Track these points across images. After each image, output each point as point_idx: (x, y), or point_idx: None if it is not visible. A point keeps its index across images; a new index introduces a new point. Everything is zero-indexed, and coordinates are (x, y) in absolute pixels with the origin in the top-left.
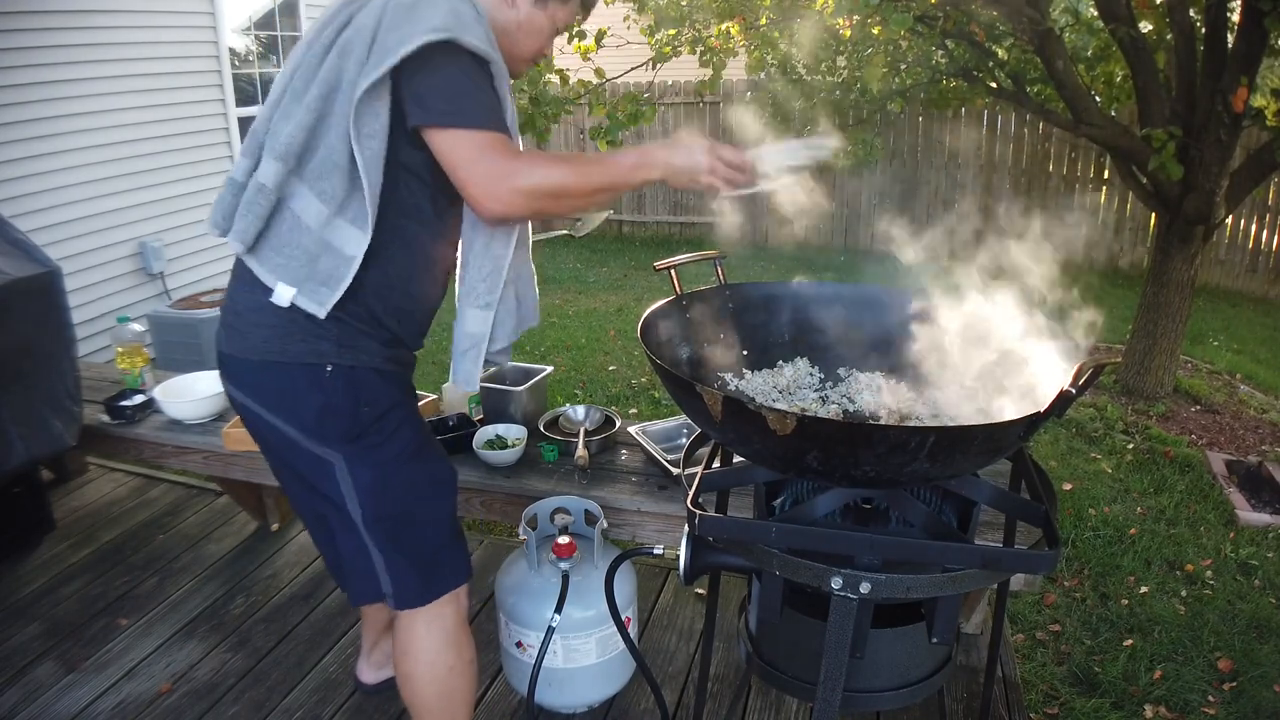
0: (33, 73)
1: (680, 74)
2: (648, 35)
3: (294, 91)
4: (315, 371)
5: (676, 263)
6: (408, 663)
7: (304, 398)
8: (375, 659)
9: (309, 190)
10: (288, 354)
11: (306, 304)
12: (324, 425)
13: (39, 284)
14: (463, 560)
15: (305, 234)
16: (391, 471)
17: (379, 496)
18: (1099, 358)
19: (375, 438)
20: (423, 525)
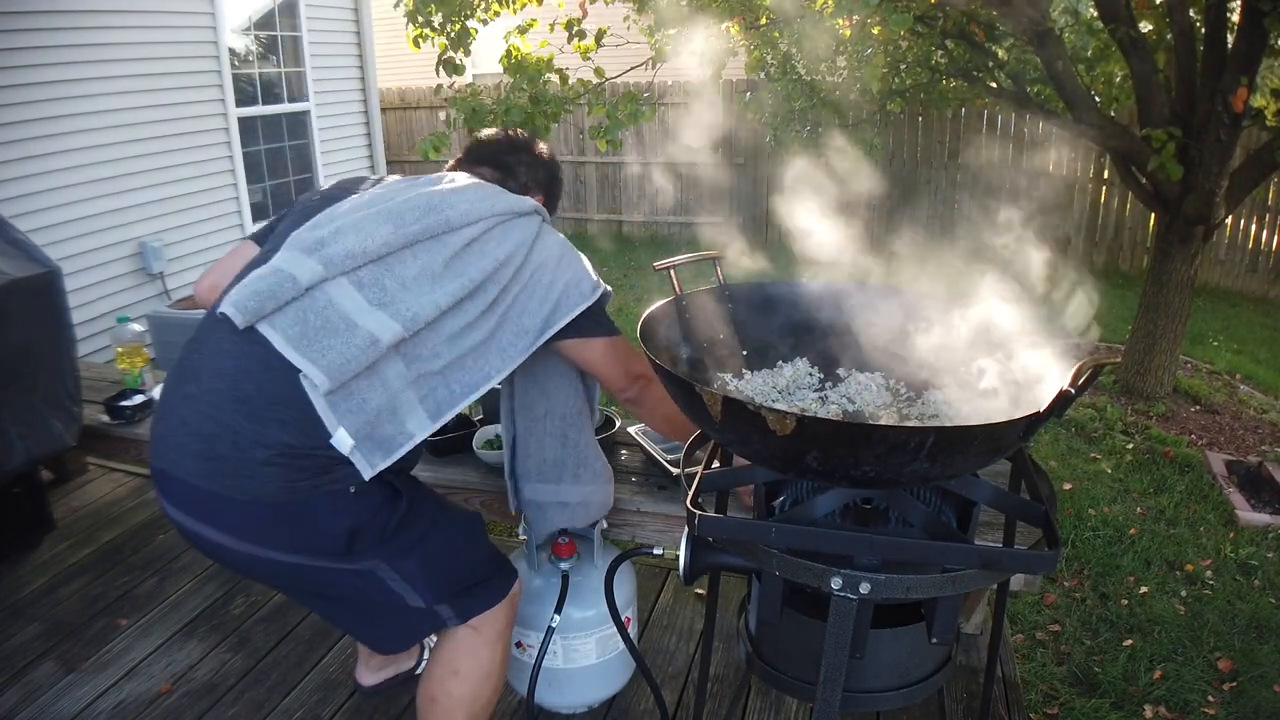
0: (33, 73)
1: (680, 74)
2: (648, 35)
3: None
4: (338, 497)
5: (676, 263)
6: (456, 685)
7: (327, 527)
8: (375, 662)
9: (401, 359)
10: (301, 491)
11: (359, 461)
12: (356, 542)
13: (39, 284)
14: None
15: (379, 393)
16: (432, 540)
17: (430, 573)
18: (1099, 358)
19: (403, 531)
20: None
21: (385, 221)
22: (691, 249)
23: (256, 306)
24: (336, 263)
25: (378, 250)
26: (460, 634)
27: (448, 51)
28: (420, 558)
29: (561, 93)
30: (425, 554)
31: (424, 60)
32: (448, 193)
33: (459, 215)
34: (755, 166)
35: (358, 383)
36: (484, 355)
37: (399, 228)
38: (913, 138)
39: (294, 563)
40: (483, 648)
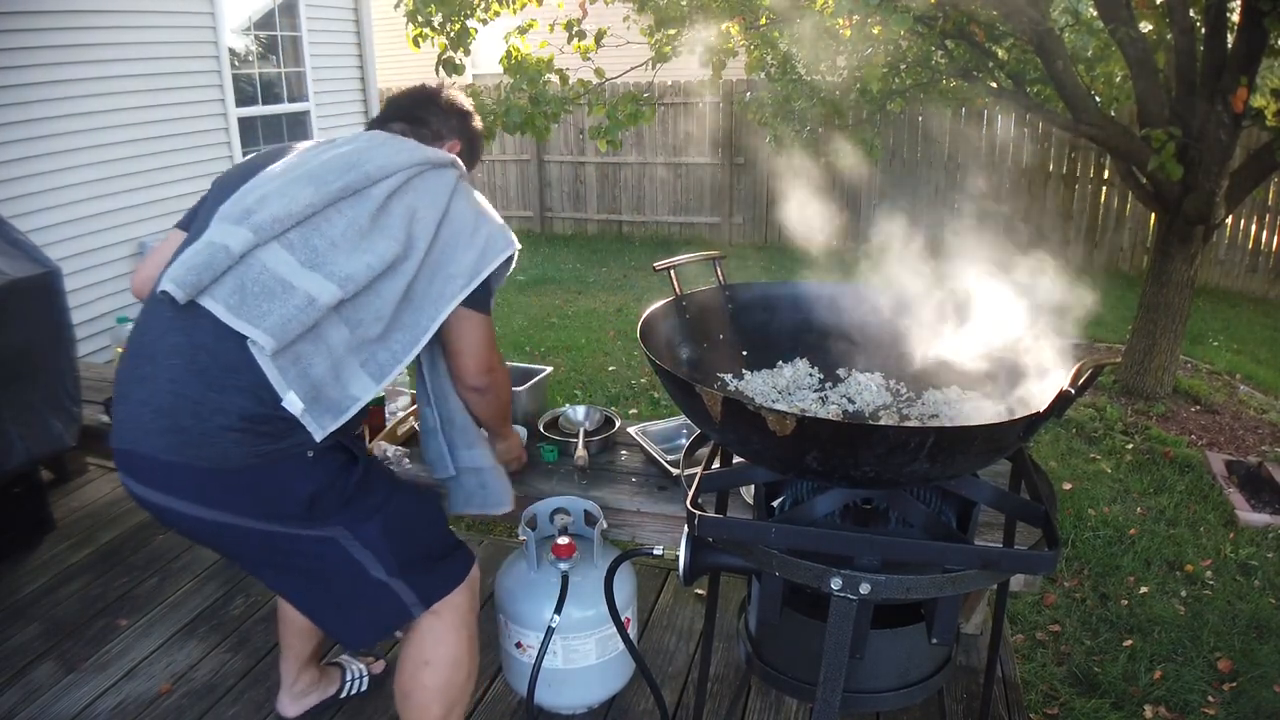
0: (33, 73)
1: (680, 74)
2: (648, 35)
3: (353, 227)
4: (297, 461)
5: (676, 263)
6: (429, 675)
7: (288, 492)
8: (297, 690)
9: (344, 323)
10: (262, 455)
11: (309, 423)
12: (316, 508)
13: (39, 284)
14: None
15: (325, 357)
16: (391, 507)
17: (390, 540)
18: (1099, 358)
19: (362, 497)
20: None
21: (307, 184)
22: (691, 249)
23: (194, 280)
24: (265, 228)
25: (302, 212)
26: (425, 624)
27: (448, 51)
28: (381, 524)
29: (561, 93)
30: (385, 521)
31: (424, 60)
32: (365, 149)
33: (377, 169)
34: (755, 166)
35: (302, 346)
36: (420, 308)
37: (320, 188)
38: (913, 138)
39: (261, 530)
40: (448, 633)
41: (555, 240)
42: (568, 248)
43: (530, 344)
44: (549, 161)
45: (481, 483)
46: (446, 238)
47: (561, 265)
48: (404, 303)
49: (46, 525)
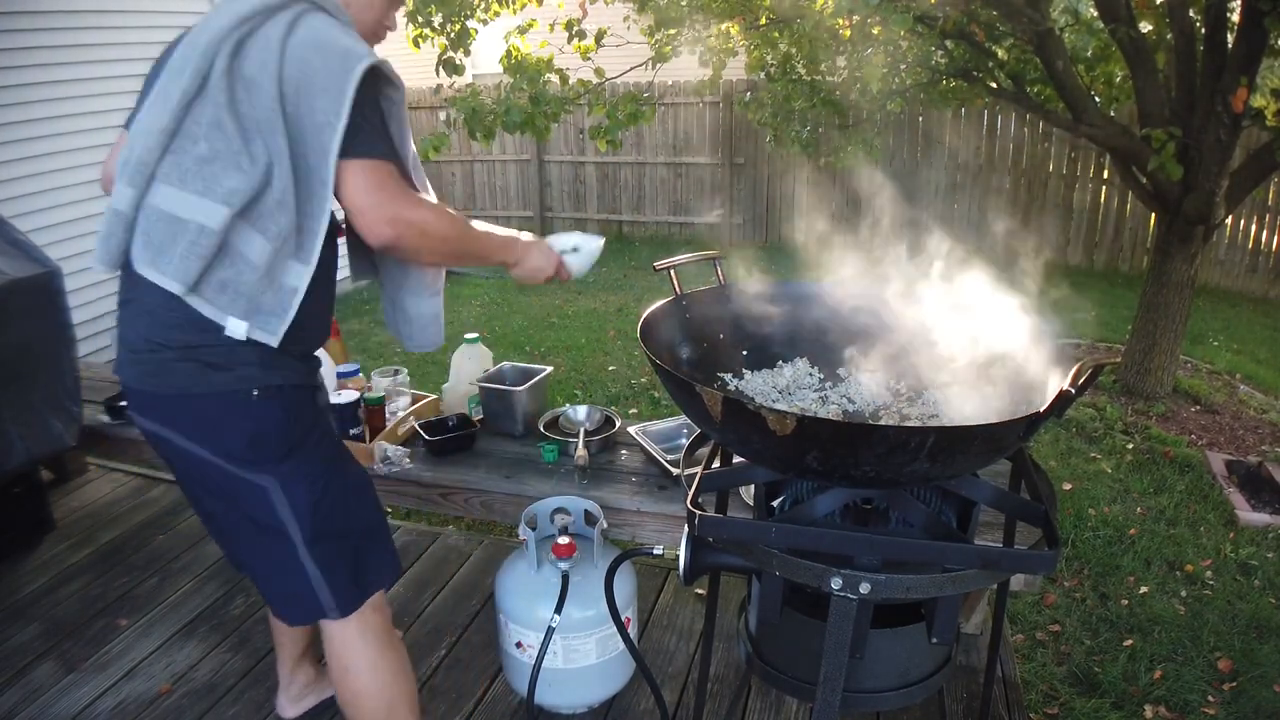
0: (33, 73)
1: (680, 74)
2: (648, 35)
3: (212, 127)
4: (241, 398)
5: (676, 263)
6: (350, 680)
7: (232, 426)
8: (294, 692)
9: (253, 229)
10: (212, 384)
11: (261, 335)
12: (255, 450)
13: (39, 284)
14: (390, 556)
15: (250, 270)
16: (325, 484)
17: (316, 511)
18: (1098, 358)
19: (304, 453)
20: (355, 533)
21: (158, 104)
22: (691, 249)
23: (104, 251)
24: (137, 175)
25: (160, 141)
26: (332, 630)
27: (448, 51)
28: (313, 492)
29: (561, 93)
30: (320, 490)
31: (424, 60)
32: (195, 34)
33: (204, 51)
34: (755, 166)
35: (221, 272)
36: (316, 170)
37: (166, 104)
38: (913, 138)
39: (211, 460)
40: (355, 639)
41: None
42: None
43: (530, 344)
44: (549, 161)
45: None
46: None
47: None
48: (299, 179)
49: (46, 525)
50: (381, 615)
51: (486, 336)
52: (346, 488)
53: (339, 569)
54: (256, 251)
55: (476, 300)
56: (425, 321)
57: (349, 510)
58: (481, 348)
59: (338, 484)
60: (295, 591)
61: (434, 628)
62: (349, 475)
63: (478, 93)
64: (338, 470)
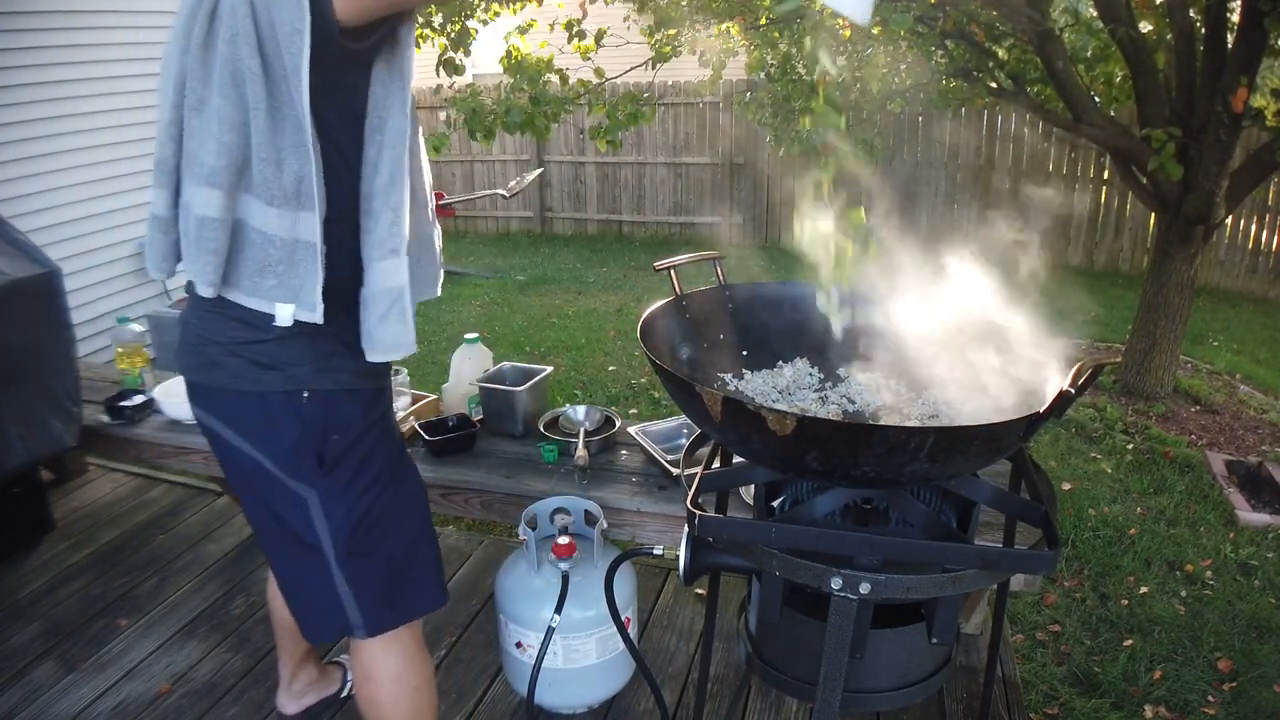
0: (33, 73)
1: (680, 74)
2: (648, 35)
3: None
4: (292, 399)
5: (676, 263)
6: (371, 688)
7: (282, 427)
8: (296, 688)
9: (255, 199)
10: (261, 383)
11: (305, 315)
12: (300, 457)
13: (39, 284)
14: (434, 581)
15: (275, 246)
16: (369, 504)
17: (353, 532)
18: (1099, 358)
19: (347, 470)
20: (397, 555)
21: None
22: (691, 249)
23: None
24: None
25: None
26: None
27: (448, 52)
28: (355, 512)
29: (561, 93)
30: (362, 511)
31: (424, 60)
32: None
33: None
34: (755, 166)
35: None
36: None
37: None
38: (913, 138)
39: (253, 455)
40: (380, 649)
41: (555, 240)
42: (568, 248)
43: (530, 344)
44: (549, 161)
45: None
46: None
47: (561, 265)
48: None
49: (46, 525)
50: (411, 631)
51: (486, 336)
52: (394, 509)
53: (371, 588)
54: (267, 220)
55: (476, 300)
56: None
57: (392, 532)
58: (481, 348)
59: (384, 504)
60: (323, 607)
61: (434, 628)
62: (400, 495)
63: (478, 93)
64: (387, 489)
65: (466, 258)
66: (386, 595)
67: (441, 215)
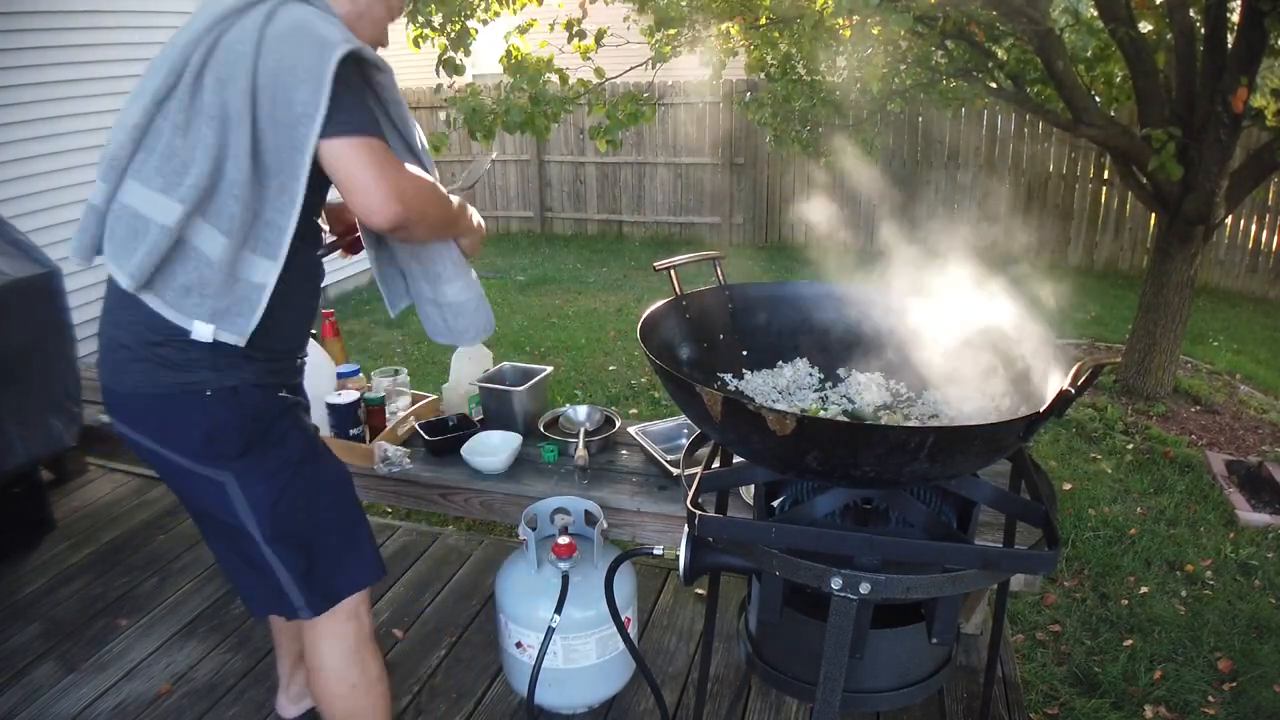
0: (33, 73)
1: (680, 74)
2: (648, 35)
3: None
4: (195, 397)
5: (676, 263)
6: (317, 679)
7: (188, 425)
8: (294, 691)
9: (208, 224)
10: (163, 384)
11: (227, 336)
12: (212, 447)
13: (39, 284)
14: (368, 560)
15: (210, 269)
16: (285, 482)
17: (275, 509)
18: (1099, 358)
19: (262, 450)
20: (324, 529)
21: (133, 103)
22: (691, 249)
23: (78, 245)
24: (110, 170)
25: (133, 137)
26: (304, 628)
27: (448, 51)
28: (269, 488)
29: (561, 93)
30: (281, 489)
31: (424, 60)
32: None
33: (179, 52)
34: (755, 167)
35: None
36: (281, 167)
37: (140, 102)
38: (913, 138)
39: (171, 459)
40: (322, 641)
41: (555, 240)
42: (568, 248)
43: (530, 344)
44: (549, 161)
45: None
46: (270, 83)
47: (561, 265)
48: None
49: (46, 525)
50: (356, 623)
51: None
52: (315, 488)
53: (304, 566)
54: (214, 247)
55: None
56: (474, 305)
57: (316, 511)
58: (481, 348)
59: (302, 484)
60: (264, 588)
61: (434, 628)
62: (319, 475)
63: (478, 93)
64: (304, 470)
65: None
66: (323, 573)
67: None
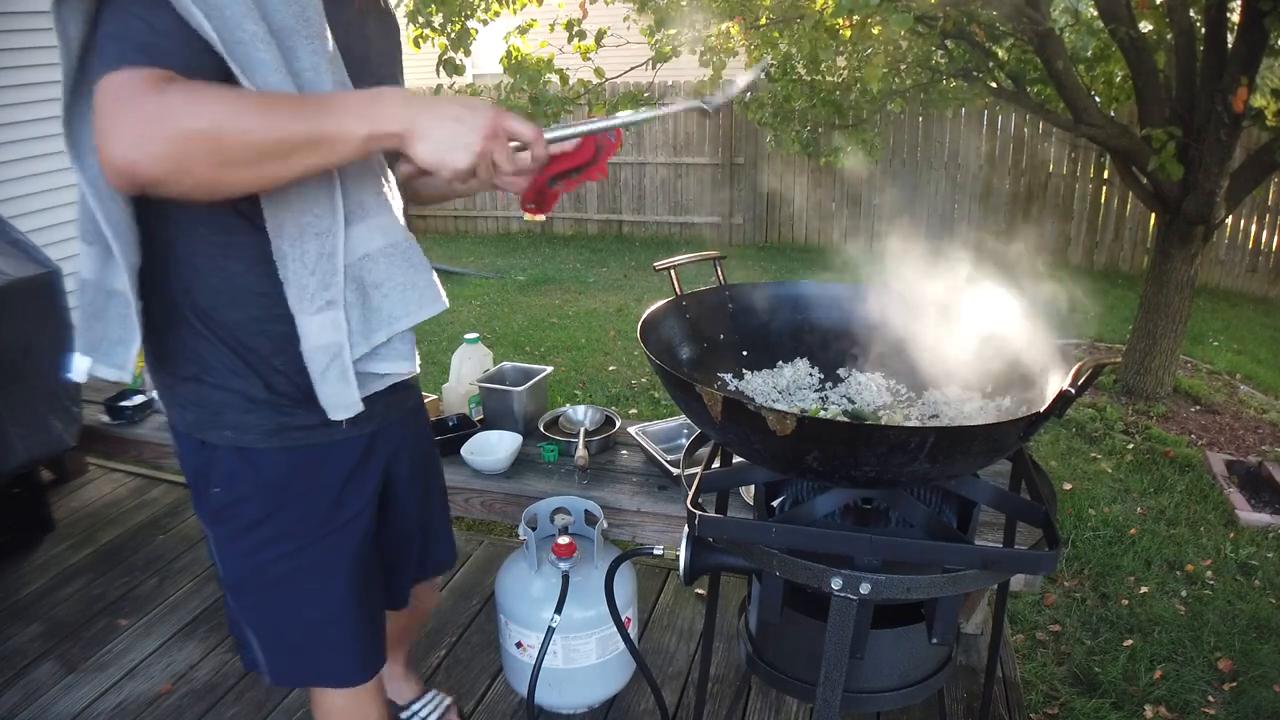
0: (33, 73)
1: (680, 74)
2: (648, 35)
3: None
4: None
5: (676, 263)
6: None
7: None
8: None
9: (81, 242)
10: (172, 416)
11: (106, 372)
12: (197, 494)
13: (39, 284)
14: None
15: (86, 291)
16: (258, 563)
17: (240, 586)
18: (1099, 357)
19: (232, 526)
20: (293, 622)
21: None
22: (691, 249)
23: None
24: None
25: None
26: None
27: (448, 52)
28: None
29: (562, 93)
30: (249, 565)
31: (424, 60)
32: None
33: None
34: (755, 167)
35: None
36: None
37: None
38: (913, 138)
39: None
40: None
41: (555, 240)
42: (568, 248)
43: (530, 344)
44: None
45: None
46: None
47: (561, 265)
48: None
49: (46, 525)
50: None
51: (486, 336)
52: (296, 581)
53: (265, 639)
54: (87, 267)
55: (476, 300)
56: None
57: (291, 605)
58: (481, 348)
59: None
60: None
61: (434, 628)
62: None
63: (478, 93)
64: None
65: (466, 258)
66: (278, 654)
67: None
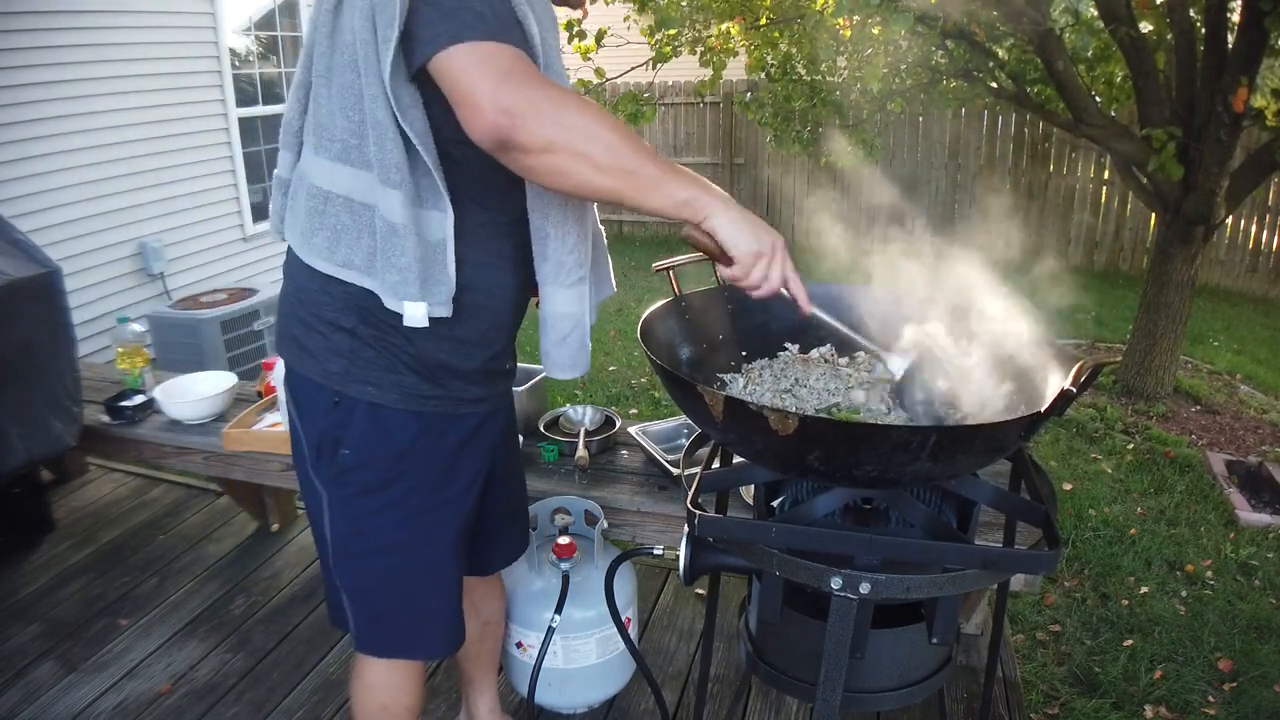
0: (33, 73)
1: (680, 74)
2: (648, 35)
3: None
4: (322, 394)
5: (675, 264)
6: (355, 685)
7: (313, 418)
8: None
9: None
10: (305, 366)
11: (438, 312)
12: (320, 454)
13: (39, 284)
14: (433, 632)
15: (401, 236)
16: (373, 527)
17: (348, 548)
18: (1099, 357)
19: (353, 486)
20: (389, 587)
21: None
22: (691, 249)
23: (273, 222)
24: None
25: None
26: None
27: None
28: (352, 524)
29: None
30: (360, 527)
31: None
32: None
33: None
34: (755, 167)
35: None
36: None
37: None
38: (913, 138)
39: (298, 436)
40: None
41: None
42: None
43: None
44: None
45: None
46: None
47: None
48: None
49: (46, 525)
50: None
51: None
52: (401, 546)
53: (360, 605)
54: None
55: None
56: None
57: (392, 569)
58: None
59: (390, 538)
60: (333, 597)
61: None
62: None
63: None
64: (402, 526)
65: None
66: (373, 621)
67: None
